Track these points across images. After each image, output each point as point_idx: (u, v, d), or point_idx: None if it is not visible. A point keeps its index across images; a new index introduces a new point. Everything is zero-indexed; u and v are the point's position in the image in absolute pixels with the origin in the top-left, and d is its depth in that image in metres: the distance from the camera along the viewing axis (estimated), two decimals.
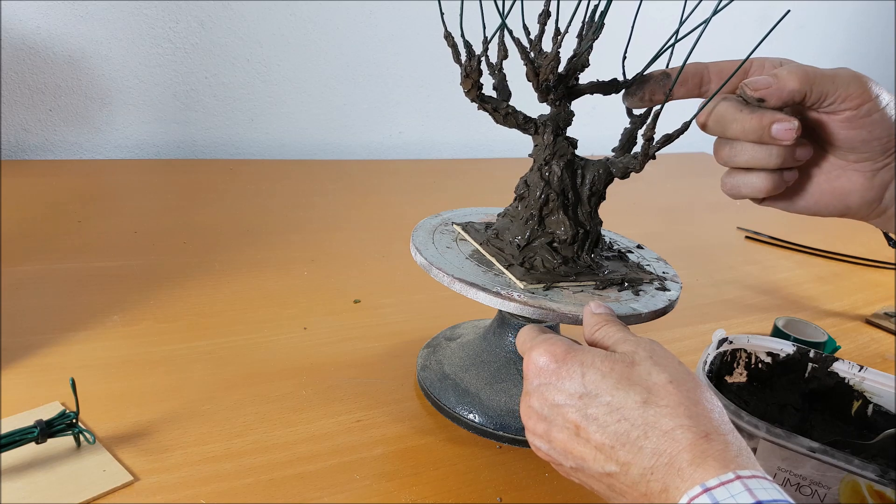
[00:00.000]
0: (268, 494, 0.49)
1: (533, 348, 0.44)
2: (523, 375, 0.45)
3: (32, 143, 1.05)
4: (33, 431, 0.47)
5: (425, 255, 0.56)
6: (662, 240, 1.06)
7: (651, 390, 0.39)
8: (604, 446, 0.39)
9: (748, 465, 0.36)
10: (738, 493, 0.34)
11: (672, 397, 0.39)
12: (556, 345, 0.43)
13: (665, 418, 0.38)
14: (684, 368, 0.41)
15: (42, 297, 0.68)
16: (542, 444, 0.43)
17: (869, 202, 0.51)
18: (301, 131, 1.25)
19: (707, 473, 0.36)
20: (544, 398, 0.42)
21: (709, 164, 1.64)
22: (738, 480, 0.35)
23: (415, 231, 0.61)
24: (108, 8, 1.02)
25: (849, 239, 1.20)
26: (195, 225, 0.89)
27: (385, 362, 0.66)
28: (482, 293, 0.51)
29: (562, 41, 0.52)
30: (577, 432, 0.40)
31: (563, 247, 0.56)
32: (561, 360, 0.42)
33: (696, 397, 0.39)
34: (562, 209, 0.56)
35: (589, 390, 0.40)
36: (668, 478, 0.37)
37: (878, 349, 0.84)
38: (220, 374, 0.61)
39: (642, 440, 0.38)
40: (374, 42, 1.26)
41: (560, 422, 0.41)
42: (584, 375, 0.41)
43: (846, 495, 0.47)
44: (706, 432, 0.37)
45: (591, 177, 0.56)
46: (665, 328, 0.80)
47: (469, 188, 1.22)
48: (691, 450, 0.37)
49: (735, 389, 0.61)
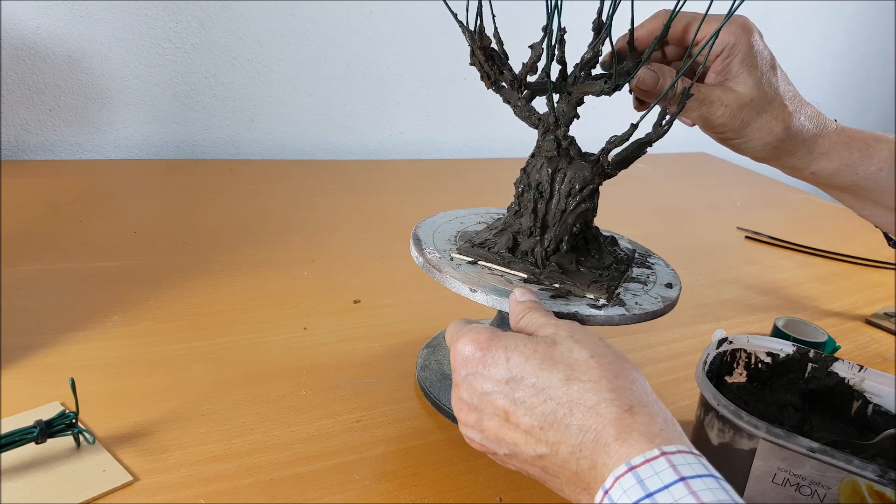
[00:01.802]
0: (268, 494, 0.49)
1: (458, 339, 0.44)
2: (451, 368, 0.45)
3: (32, 143, 1.05)
4: (33, 431, 0.47)
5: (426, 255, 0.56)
6: (662, 240, 1.06)
7: (573, 367, 0.40)
8: (533, 428, 0.40)
9: (674, 438, 0.37)
10: (662, 469, 0.35)
11: (594, 372, 0.39)
12: (481, 333, 0.43)
13: (588, 393, 0.39)
14: (605, 344, 0.42)
15: (42, 297, 0.68)
16: (475, 435, 0.43)
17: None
18: (301, 131, 1.25)
19: (632, 450, 0.36)
20: (472, 388, 0.43)
21: (709, 164, 1.65)
22: (663, 457, 0.35)
23: (417, 230, 0.61)
24: (108, 8, 1.02)
25: (849, 239, 1.20)
26: (195, 225, 0.89)
27: (385, 362, 0.66)
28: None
29: (544, 40, 0.53)
30: (507, 418, 0.41)
31: (523, 239, 0.57)
32: (485, 348, 0.42)
33: (616, 370, 0.40)
34: (532, 202, 0.56)
35: (514, 374, 0.41)
36: (596, 454, 0.37)
37: (878, 349, 0.84)
38: (220, 374, 0.61)
39: (568, 418, 0.38)
40: (374, 42, 1.26)
41: (490, 410, 0.42)
42: (508, 360, 0.41)
43: (846, 495, 0.47)
44: (629, 405, 0.38)
45: (571, 176, 0.56)
46: (665, 328, 0.80)
47: (469, 188, 1.22)
48: (616, 424, 0.37)
49: (735, 389, 0.61)
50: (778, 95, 0.54)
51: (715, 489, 0.34)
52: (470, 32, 0.54)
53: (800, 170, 0.58)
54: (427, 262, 0.56)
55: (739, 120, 0.54)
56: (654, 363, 0.73)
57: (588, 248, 0.58)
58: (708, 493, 0.33)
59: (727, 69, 0.54)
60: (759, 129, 0.54)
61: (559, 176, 0.56)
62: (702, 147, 1.76)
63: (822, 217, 1.35)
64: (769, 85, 0.54)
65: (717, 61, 0.54)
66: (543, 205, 0.56)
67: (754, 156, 0.57)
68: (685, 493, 0.33)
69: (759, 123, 0.54)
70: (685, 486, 0.34)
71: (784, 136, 0.55)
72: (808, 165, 0.57)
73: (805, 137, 0.56)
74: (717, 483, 0.34)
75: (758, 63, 0.54)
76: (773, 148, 0.55)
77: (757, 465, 0.49)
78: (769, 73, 0.54)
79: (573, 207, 0.55)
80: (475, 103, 1.41)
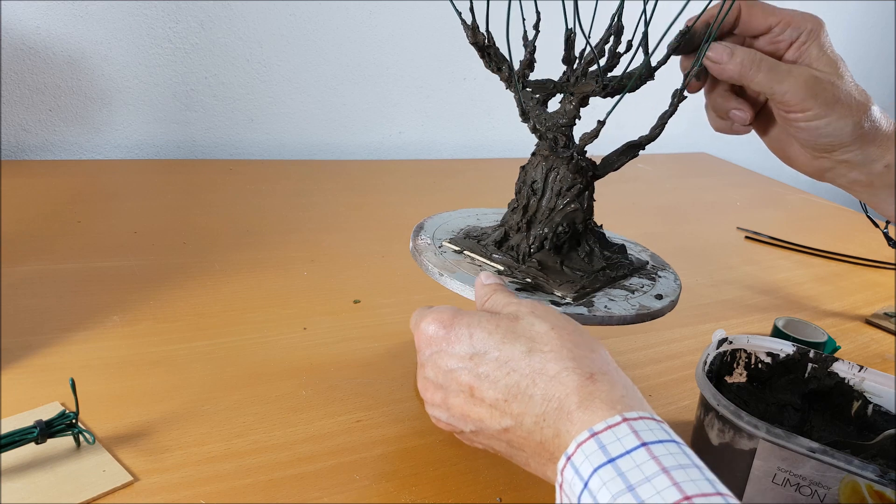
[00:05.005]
0: (268, 494, 0.49)
1: (421, 320, 0.45)
2: (416, 349, 0.45)
3: (32, 143, 1.05)
4: (33, 431, 0.47)
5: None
6: (662, 240, 1.07)
7: (534, 339, 0.40)
8: (497, 402, 0.40)
9: (635, 405, 0.37)
10: (623, 435, 0.35)
11: (555, 342, 0.40)
12: (443, 312, 0.44)
13: (550, 363, 0.39)
14: (566, 318, 0.43)
15: (42, 297, 0.68)
16: (441, 414, 0.44)
17: (812, 173, 0.56)
18: (301, 131, 1.25)
19: (594, 416, 0.36)
20: (437, 366, 0.43)
21: (709, 164, 1.65)
22: (625, 423, 0.35)
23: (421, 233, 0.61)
24: (108, 8, 1.02)
25: (849, 239, 1.20)
26: (195, 225, 0.89)
27: (385, 362, 0.66)
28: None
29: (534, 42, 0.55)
30: (472, 393, 0.41)
31: (513, 234, 0.58)
32: (448, 326, 0.43)
33: (577, 340, 0.40)
34: (525, 199, 0.57)
35: (477, 349, 0.41)
36: (560, 422, 0.37)
37: (878, 349, 0.84)
38: (220, 374, 0.61)
39: (531, 388, 0.39)
40: (374, 42, 1.26)
41: (455, 387, 0.42)
42: (471, 336, 0.42)
43: (846, 495, 0.47)
44: (591, 373, 0.38)
45: (562, 175, 0.56)
46: (665, 328, 0.80)
47: (468, 188, 1.22)
48: (578, 392, 0.37)
49: (735, 390, 0.61)
50: (853, 80, 0.53)
51: (676, 454, 0.34)
52: (465, 26, 0.54)
53: (874, 161, 0.54)
54: (415, 247, 0.57)
55: (825, 93, 0.51)
56: (654, 363, 0.73)
57: (577, 249, 0.58)
58: (669, 457, 0.34)
59: (805, 53, 0.53)
60: (848, 107, 0.51)
61: (552, 175, 0.56)
62: (702, 147, 1.76)
63: (822, 217, 1.35)
64: (846, 70, 0.53)
65: (793, 47, 0.53)
66: (535, 202, 0.57)
67: (839, 140, 0.53)
68: (647, 458, 0.34)
69: (847, 100, 0.51)
70: (647, 451, 0.34)
71: (869, 115, 0.52)
72: (882, 156, 0.54)
73: (883, 124, 0.54)
74: (679, 448, 0.35)
75: (834, 50, 0.53)
76: (860, 128, 0.52)
77: (757, 465, 0.49)
78: (841, 62, 0.53)
79: (562, 207, 0.56)
80: (475, 103, 1.41)
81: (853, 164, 0.54)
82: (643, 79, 0.54)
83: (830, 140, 0.52)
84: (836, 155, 0.53)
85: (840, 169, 0.55)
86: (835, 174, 0.55)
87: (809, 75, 0.51)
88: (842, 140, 0.52)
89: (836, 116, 0.51)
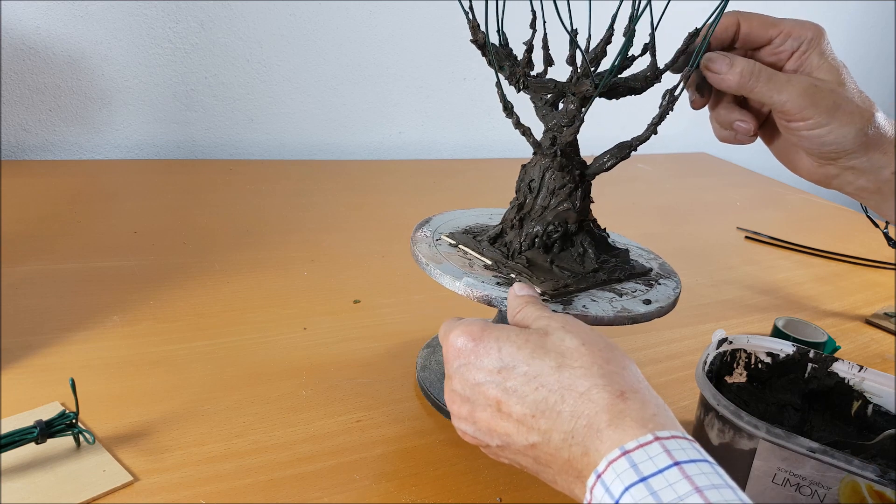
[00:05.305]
0: (268, 495, 0.49)
1: (451, 331, 0.44)
2: (444, 361, 0.45)
3: (32, 143, 1.05)
4: (33, 431, 0.47)
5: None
6: (662, 240, 1.07)
7: (564, 354, 0.40)
8: (525, 417, 0.40)
9: (667, 424, 0.36)
10: (656, 454, 0.34)
11: (585, 358, 0.39)
12: (473, 325, 0.44)
13: (580, 379, 0.39)
14: (596, 333, 0.42)
15: (42, 297, 0.68)
16: (467, 427, 0.43)
17: (819, 181, 0.56)
18: (301, 131, 1.25)
19: (625, 435, 0.36)
20: (465, 379, 0.43)
21: (709, 164, 1.65)
22: (657, 442, 0.35)
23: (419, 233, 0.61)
24: (108, 8, 1.02)
25: (849, 239, 1.20)
26: (195, 225, 0.89)
27: (385, 362, 0.66)
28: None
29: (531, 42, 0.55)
30: (499, 408, 0.41)
31: (508, 231, 0.59)
32: (478, 339, 0.43)
33: (608, 356, 0.40)
34: (522, 198, 0.58)
35: (506, 363, 0.41)
36: (589, 440, 0.37)
37: (878, 349, 0.84)
38: (220, 374, 0.61)
39: (560, 404, 0.38)
40: (374, 42, 1.26)
41: (482, 401, 0.42)
42: (500, 350, 0.42)
43: (846, 496, 0.47)
44: (621, 391, 0.38)
45: (550, 175, 0.57)
46: (665, 328, 0.80)
47: (468, 188, 1.22)
48: (609, 410, 0.37)
49: (735, 390, 0.61)
50: (856, 87, 0.53)
51: (709, 473, 0.34)
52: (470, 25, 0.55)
53: (882, 168, 0.54)
54: (413, 238, 0.59)
55: (825, 101, 0.51)
56: (654, 363, 0.73)
57: (570, 250, 0.58)
58: (703, 477, 0.33)
59: (806, 62, 0.53)
60: (850, 113, 0.51)
61: (548, 174, 0.57)
62: (702, 147, 1.76)
63: (822, 217, 1.35)
64: (849, 77, 0.53)
65: (794, 57, 0.53)
66: (531, 200, 0.57)
67: (843, 148, 0.53)
68: (679, 477, 0.33)
69: (849, 107, 0.51)
70: (679, 470, 0.34)
71: (873, 122, 0.52)
72: (889, 163, 0.54)
73: (887, 130, 0.53)
74: (712, 468, 0.34)
75: (836, 57, 0.53)
76: (864, 135, 0.52)
77: (757, 465, 0.49)
78: (844, 68, 0.53)
79: (554, 206, 0.56)
80: (475, 103, 1.41)
81: (860, 171, 0.54)
82: (649, 81, 0.54)
83: (834, 147, 0.52)
84: (842, 162, 0.53)
85: (847, 176, 0.54)
86: (842, 181, 0.55)
87: (808, 84, 0.51)
88: (845, 147, 0.52)
89: (837, 124, 0.51)
